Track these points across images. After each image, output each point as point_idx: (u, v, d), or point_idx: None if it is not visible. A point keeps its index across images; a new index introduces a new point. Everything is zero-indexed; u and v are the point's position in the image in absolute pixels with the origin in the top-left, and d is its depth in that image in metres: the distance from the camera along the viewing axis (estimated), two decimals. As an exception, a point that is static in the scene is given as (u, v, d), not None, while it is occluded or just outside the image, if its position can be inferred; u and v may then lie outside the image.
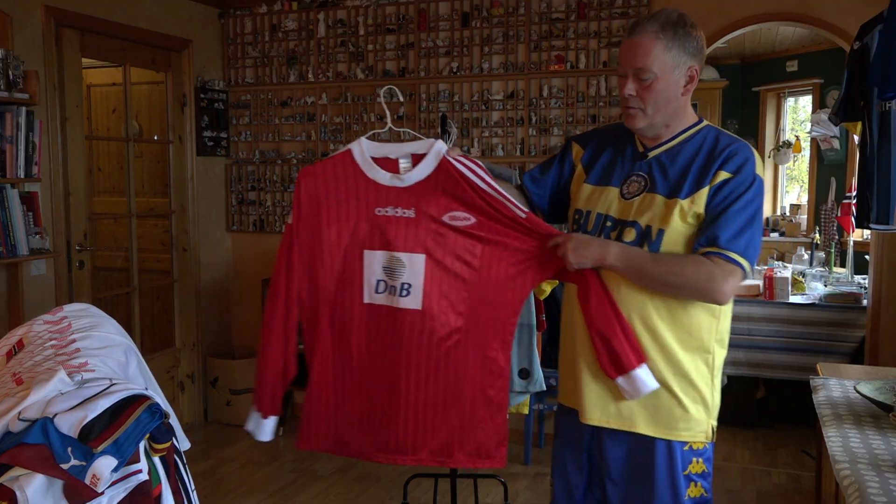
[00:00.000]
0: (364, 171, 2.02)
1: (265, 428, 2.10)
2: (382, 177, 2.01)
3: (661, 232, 1.82)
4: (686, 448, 1.88)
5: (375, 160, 2.02)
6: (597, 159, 2.00)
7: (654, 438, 1.88)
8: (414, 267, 2.00)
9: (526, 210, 1.95)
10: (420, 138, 2.05)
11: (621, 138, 1.98)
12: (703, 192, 1.80)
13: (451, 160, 1.96)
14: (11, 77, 3.29)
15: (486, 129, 4.40)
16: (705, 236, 1.78)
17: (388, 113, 2.20)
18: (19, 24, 3.54)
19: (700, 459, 1.90)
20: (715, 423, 1.91)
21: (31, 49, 3.62)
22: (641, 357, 1.84)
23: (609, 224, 1.90)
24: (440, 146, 1.98)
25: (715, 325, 1.87)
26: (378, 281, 2.02)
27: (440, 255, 1.99)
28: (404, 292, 2.00)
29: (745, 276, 1.78)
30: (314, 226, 2.03)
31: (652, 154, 1.91)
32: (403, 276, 2.00)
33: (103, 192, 5.23)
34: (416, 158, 2.00)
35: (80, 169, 3.96)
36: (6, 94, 3.26)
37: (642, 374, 1.83)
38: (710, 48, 4.05)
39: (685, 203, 1.81)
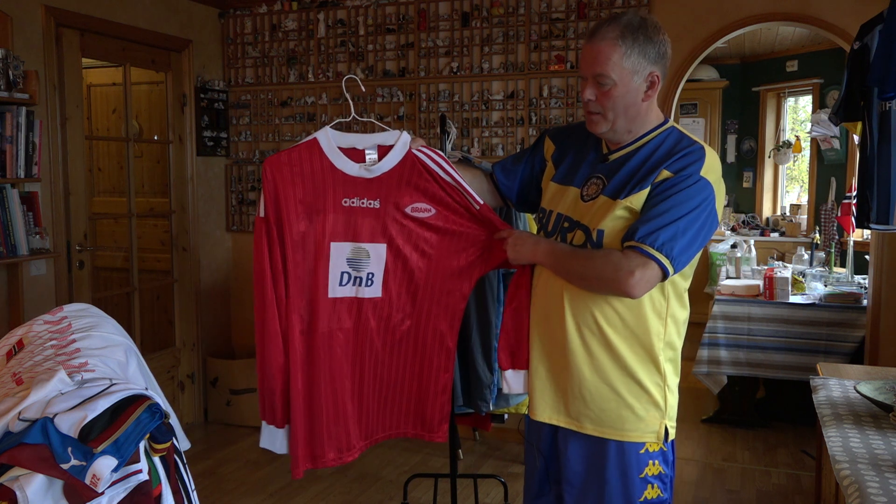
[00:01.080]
0: (332, 161, 1.98)
1: (282, 439, 2.01)
2: (351, 167, 1.99)
3: (600, 232, 1.81)
4: (642, 451, 1.87)
5: (342, 150, 1.99)
6: (565, 158, 2.00)
7: (605, 440, 1.88)
8: (377, 257, 2.03)
9: (481, 202, 2.02)
10: (385, 129, 2.06)
11: (590, 139, 1.97)
12: (644, 192, 1.78)
13: (416, 152, 2.01)
14: (11, 77, 3.29)
15: (486, 129, 4.40)
16: (628, 231, 1.77)
17: (351, 103, 2.23)
18: (19, 24, 3.54)
19: (656, 461, 1.89)
20: (671, 424, 1.90)
21: (31, 49, 3.62)
22: (518, 363, 2.00)
23: (566, 225, 1.90)
24: (406, 138, 2.01)
25: (663, 328, 1.86)
26: (342, 273, 2.01)
27: (400, 245, 2.03)
28: (369, 282, 2.03)
29: (662, 272, 1.73)
30: (284, 218, 1.96)
31: (613, 157, 1.90)
32: (368, 267, 2.02)
33: (103, 192, 5.24)
34: (383, 150, 2.01)
35: (80, 169, 3.96)
36: (6, 94, 3.26)
37: (510, 376, 2.01)
38: (710, 48, 4.05)
39: (625, 202, 1.79)
